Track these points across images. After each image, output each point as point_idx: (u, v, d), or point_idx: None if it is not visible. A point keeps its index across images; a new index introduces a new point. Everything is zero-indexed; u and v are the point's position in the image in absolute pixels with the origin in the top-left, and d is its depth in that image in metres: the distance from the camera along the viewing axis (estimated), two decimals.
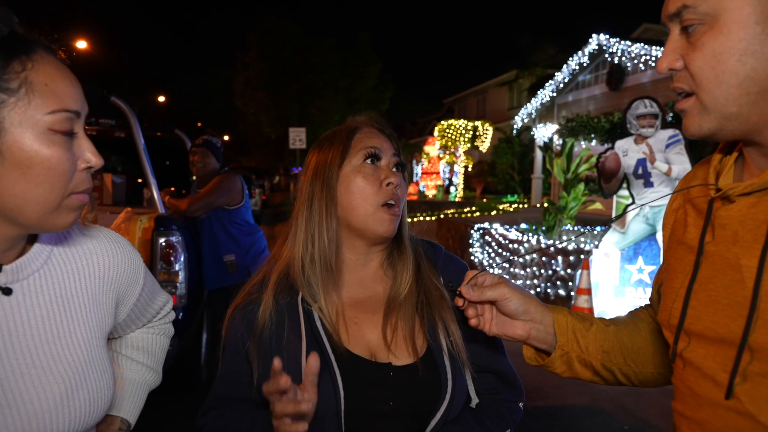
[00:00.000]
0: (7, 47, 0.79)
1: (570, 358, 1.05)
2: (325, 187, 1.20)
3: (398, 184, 1.20)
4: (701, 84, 0.80)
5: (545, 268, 7.18)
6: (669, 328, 0.92)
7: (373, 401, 1.11)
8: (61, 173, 0.83)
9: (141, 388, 1.22)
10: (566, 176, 7.96)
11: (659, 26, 17.87)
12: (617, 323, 1.10)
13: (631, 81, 14.14)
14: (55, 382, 0.90)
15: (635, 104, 5.80)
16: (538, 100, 17.54)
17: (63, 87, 0.84)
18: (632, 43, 13.60)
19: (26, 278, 0.92)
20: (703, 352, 0.83)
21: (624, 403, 4.14)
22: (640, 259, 6.02)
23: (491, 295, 1.02)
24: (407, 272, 1.23)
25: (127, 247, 1.09)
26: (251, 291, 1.22)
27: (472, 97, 34.05)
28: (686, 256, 0.91)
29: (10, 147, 0.79)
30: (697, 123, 0.82)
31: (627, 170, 5.87)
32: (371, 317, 1.20)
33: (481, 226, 9.04)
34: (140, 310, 1.18)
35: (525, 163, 21.93)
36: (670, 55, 0.83)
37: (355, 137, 1.22)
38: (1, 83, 0.78)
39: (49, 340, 0.92)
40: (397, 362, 1.15)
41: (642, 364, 1.07)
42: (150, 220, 3.29)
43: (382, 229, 1.18)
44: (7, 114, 0.79)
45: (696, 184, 0.96)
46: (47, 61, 0.83)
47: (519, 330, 1.04)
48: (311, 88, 30.68)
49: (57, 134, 0.82)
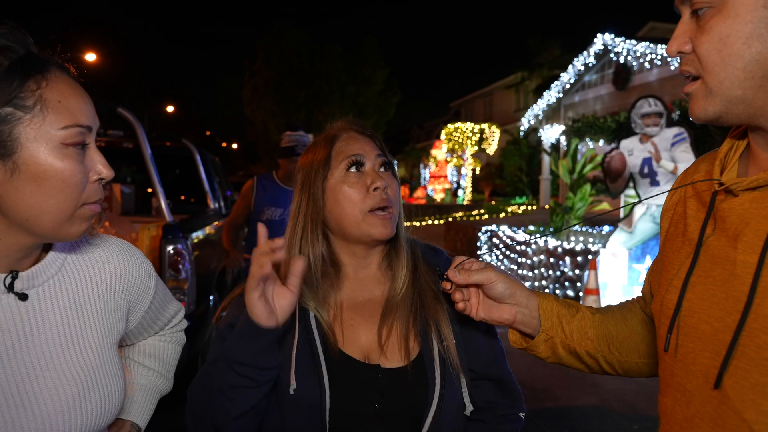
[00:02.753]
0: (24, 67, 0.84)
1: (554, 343, 1.06)
2: (311, 202, 1.19)
3: (386, 185, 1.18)
4: (707, 67, 0.80)
5: (553, 269, 7.17)
6: (662, 319, 0.92)
7: (359, 402, 1.11)
8: (74, 185, 0.88)
9: (152, 393, 1.25)
10: (572, 177, 7.95)
11: (666, 24, 17.68)
12: (604, 312, 1.11)
13: (638, 80, 14.09)
14: (68, 385, 0.94)
15: (639, 103, 5.80)
16: (544, 101, 17.52)
17: (75, 103, 0.88)
18: (637, 42, 13.56)
19: (41, 285, 0.96)
20: (697, 346, 0.84)
21: (634, 403, 4.13)
22: (648, 258, 6.00)
23: (477, 279, 1.03)
24: (404, 272, 1.22)
25: (138, 256, 1.13)
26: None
27: (478, 100, 34.02)
28: (684, 249, 0.91)
29: (26, 161, 0.84)
30: (702, 106, 0.83)
31: (633, 169, 5.87)
32: (368, 319, 1.20)
33: (488, 228, 9.04)
34: (152, 318, 1.21)
35: (533, 164, 21.87)
36: (680, 38, 0.84)
37: (335, 147, 1.20)
38: (17, 101, 0.83)
39: (63, 344, 0.96)
40: (388, 364, 1.14)
41: (626, 353, 1.08)
42: (158, 228, 3.34)
43: (378, 231, 1.16)
44: (23, 130, 0.84)
45: (698, 177, 0.96)
46: (61, 79, 0.88)
47: (505, 314, 1.05)
48: (318, 94, 30.82)
49: (70, 148, 0.87)
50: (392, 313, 1.19)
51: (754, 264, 0.77)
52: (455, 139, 21.84)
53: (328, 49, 31.56)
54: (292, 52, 30.88)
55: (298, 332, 1.15)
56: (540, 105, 17.66)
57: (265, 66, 31.18)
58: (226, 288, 5.07)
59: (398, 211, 1.22)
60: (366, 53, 32.30)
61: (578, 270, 6.87)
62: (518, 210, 16.55)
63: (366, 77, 31.97)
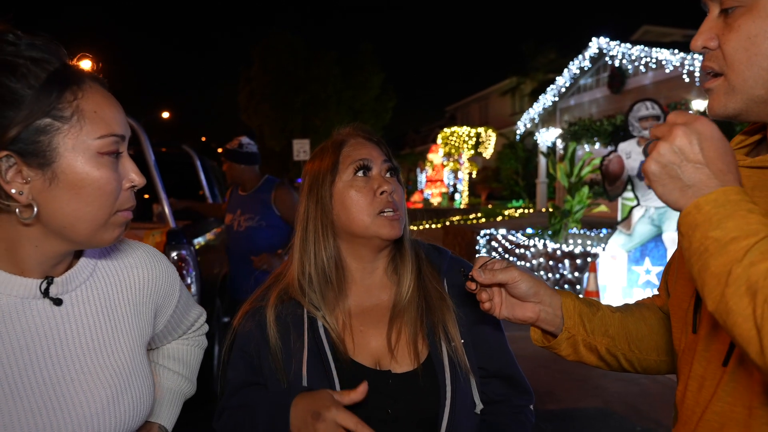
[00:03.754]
0: (61, 79, 0.86)
1: (576, 341, 1.07)
2: (320, 206, 1.21)
3: (393, 190, 1.20)
4: (733, 65, 0.82)
5: (552, 272, 7.20)
6: (680, 313, 0.95)
7: (372, 408, 1.11)
8: (109, 192, 0.90)
9: (177, 396, 1.27)
10: (570, 180, 7.99)
11: (659, 28, 17.79)
12: (623, 311, 1.12)
13: (633, 83, 14.18)
14: (102, 388, 0.96)
15: (636, 106, 5.85)
16: (540, 105, 17.60)
17: (110, 113, 0.91)
18: (632, 46, 13.66)
19: (74, 290, 0.98)
20: (712, 332, 0.86)
21: (636, 404, 4.14)
22: (647, 260, 6.03)
23: (502, 278, 1.04)
24: (410, 276, 1.24)
25: (164, 261, 1.15)
26: (256, 300, 1.25)
27: (474, 104, 34.14)
28: None
29: (64, 170, 0.86)
30: (723, 103, 0.84)
31: (631, 172, 5.91)
32: (376, 324, 1.21)
33: (487, 231, 9.07)
34: (176, 321, 1.23)
35: (529, 168, 21.95)
36: (706, 34, 0.85)
37: (343, 151, 1.23)
38: (56, 112, 0.85)
39: (96, 347, 0.98)
40: (398, 369, 1.16)
41: (645, 351, 1.10)
42: (162, 234, 3.35)
43: (387, 231, 1.18)
44: (61, 140, 0.86)
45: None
46: (95, 90, 0.91)
47: (529, 312, 1.06)
48: (314, 99, 30.84)
49: (105, 157, 0.89)
50: (400, 317, 1.21)
51: None
52: (452, 143, 21.91)
53: (324, 55, 31.62)
54: (287, 57, 30.91)
55: (308, 342, 1.17)
56: (536, 108, 17.74)
57: (261, 72, 31.20)
58: (227, 292, 5.07)
59: (404, 215, 1.24)
60: (362, 59, 32.37)
61: (577, 272, 6.90)
62: (515, 213, 16.60)
63: (362, 82, 32.02)
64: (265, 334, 1.19)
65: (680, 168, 0.75)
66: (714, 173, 0.73)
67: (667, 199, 0.77)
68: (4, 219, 0.88)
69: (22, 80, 0.83)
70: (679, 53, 12.06)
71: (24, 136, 0.83)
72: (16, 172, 0.84)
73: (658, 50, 12.63)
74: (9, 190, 0.84)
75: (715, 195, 0.72)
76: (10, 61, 0.83)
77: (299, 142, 18.12)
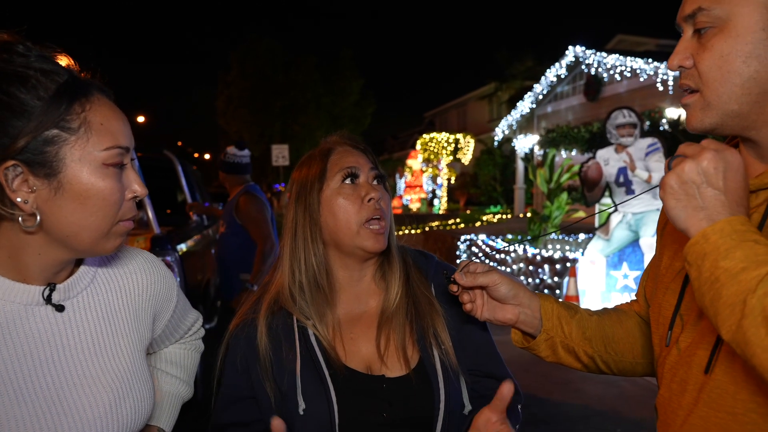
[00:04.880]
0: (70, 91, 0.87)
1: (554, 343, 1.11)
2: (308, 213, 1.22)
3: (380, 197, 1.22)
4: (707, 82, 0.86)
5: (533, 277, 7.28)
6: (661, 320, 0.99)
7: (367, 413, 1.14)
8: (113, 203, 0.91)
9: (176, 400, 1.29)
10: (549, 186, 8.11)
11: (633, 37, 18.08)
12: (600, 314, 1.17)
13: (608, 91, 14.44)
14: (105, 392, 0.97)
15: (614, 114, 5.97)
16: (518, 112, 17.81)
17: (116, 125, 0.92)
18: (608, 54, 13.92)
19: (75, 296, 0.99)
20: (695, 339, 0.90)
21: (616, 406, 4.22)
22: (624, 265, 6.15)
23: (483, 281, 1.09)
24: (397, 282, 1.25)
25: (162, 267, 1.17)
26: (247, 312, 1.25)
27: (452, 110, 34.38)
28: (679, 254, 0.98)
29: (70, 180, 0.87)
30: (699, 118, 0.89)
31: (609, 179, 6.03)
32: (366, 331, 1.23)
33: (467, 237, 9.14)
34: (174, 326, 1.25)
35: (507, 174, 22.17)
36: (681, 54, 0.90)
37: (331, 159, 1.24)
38: (64, 123, 0.86)
39: (98, 353, 0.99)
40: (391, 374, 1.18)
41: (621, 353, 1.14)
42: (146, 240, 3.32)
43: (371, 244, 1.20)
44: (68, 151, 0.87)
45: None
46: (102, 102, 0.92)
47: (508, 314, 1.11)
48: (293, 105, 30.78)
49: (110, 168, 0.91)
50: (388, 323, 1.23)
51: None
52: (431, 149, 22.03)
53: (303, 60, 31.58)
54: (266, 63, 30.81)
55: (300, 352, 1.18)
56: (514, 115, 17.95)
57: (240, 77, 31.04)
58: (209, 299, 5.03)
59: (390, 224, 1.26)
60: (341, 64, 32.41)
61: (557, 277, 7.00)
62: (493, 219, 16.74)
63: (341, 88, 32.06)
64: (254, 346, 1.20)
65: (699, 189, 0.78)
66: (729, 203, 0.77)
67: (676, 214, 0.80)
68: (8, 227, 0.88)
69: (32, 91, 0.84)
70: (652, 62, 12.33)
71: (32, 147, 0.84)
72: (22, 181, 0.85)
73: (633, 59, 12.89)
74: (14, 198, 0.85)
75: (721, 225, 0.75)
76: (21, 73, 0.84)
77: (278, 148, 18.05)
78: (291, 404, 1.14)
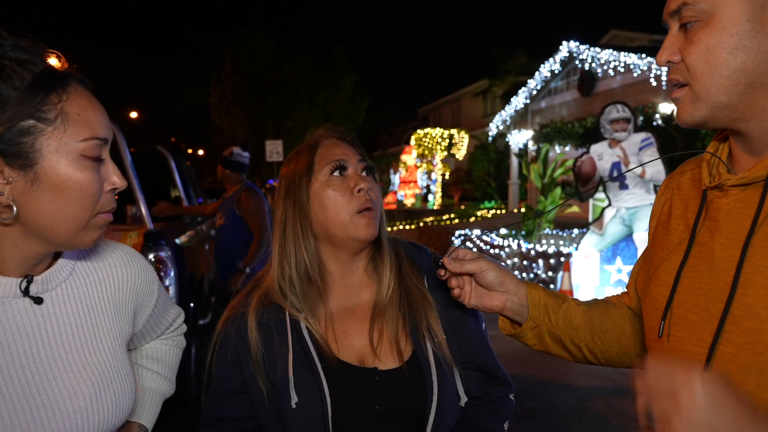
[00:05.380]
0: (46, 81, 0.86)
1: (541, 331, 1.12)
2: (297, 208, 1.21)
3: (369, 188, 1.21)
4: (695, 75, 0.87)
5: (527, 272, 7.30)
6: (652, 312, 0.99)
7: (360, 405, 1.14)
8: (90, 195, 0.90)
9: (157, 396, 1.28)
10: (543, 181, 8.13)
11: (626, 33, 18.08)
12: (589, 304, 1.18)
13: (602, 86, 14.46)
14: (85, 385, 0.96)
15: (608, 109, 5.98)
16: (512, 108, 17.81)
17: (94, 116, 0.91)
18: (601, 50, 13.93)
19: (54, 288, 0.98)
20: (683, 334, 0.90)
21: (610, 401, 4.23)
22: (618, 259, 6.17)
23: (470, 267, 1.09)
24: (390, 275, 1.25)
25: (142, 261, 1.16)
26: (238, 306, 1.25)
27: (446, 106, 34.38)
28: (671, 246, 0.98)
29: (46, 172, 0.86)
30: (690, 111, 0.89)
31: (602, 173, 6.04)
32: (359, 324, 1.23)
33: (462, 232, 9.15)
34: (155, 321, 1.24)
35: (501, 169, 22.20)
36: (669, 49, 0.90)
37: (318, 152, 1.23)
38: (40, 114, 0.85)
39: (78, 346, 0.98)
40: (383, 366, 1.17)
41: (608, 343, 1.15)
42: (139, 235, 3.30)
43: (363, 233, 1.19)
44: (45, 142, 0.85)
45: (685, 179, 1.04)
46: (80, 93, 0.90)
47: (495, 301, 1.12)
48: (287, 101, 30.68)
49: (88, 159, 0.89)
50: (380, 316, 1.22)
51: (737, 258, 0.84)
52: (425, 145, 22.03)
53: (296, 56, 31.48)
54: (259, 59, 30.68)
55: (293, 345, 1.17)
56: (508, 111, 17.95)
57: (233, 73, 30.89)
58: (203, 295, 5.01)
59: (380, 214, 1.25)
60: (334, 60, 32.33)
61: (551, 272, 7.02)
62: (488, 214, 16.77)
63: (335, 84, 31.98)
64: (245, 340, 1.19)
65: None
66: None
67: None
68: None
69: (7, 81, 0.83)
70: (646, 57, 12.35)
71: (7, 137, 0.83)
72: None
73: (627, 54, 12.90)
74: None
75: None
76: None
77: (272, 143, 18.00)
78: (283, 398, 1.13)
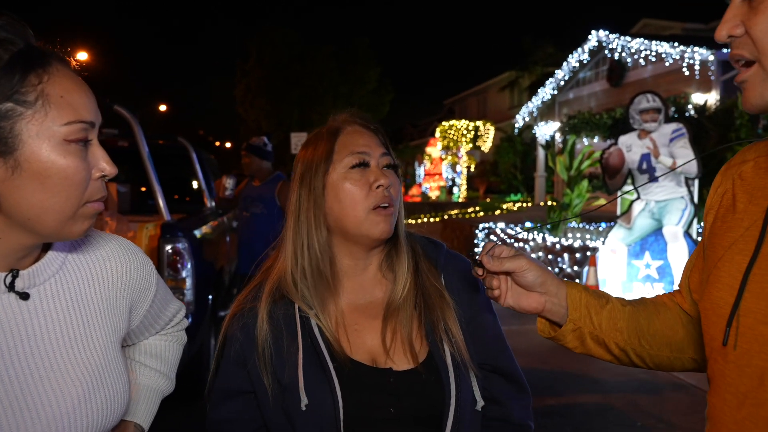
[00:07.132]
0: (25, 61, 0.80)
1: (582, 333, 1.03)
2: (312, 197, 1.15)
3: (390, 184, 1.15)
4: (765, 48, 0.76)
5: (552, 266, 7.16)
6: (714, 318, 0.87)
7: (374, 408, 1.09)
8: (77, 182, 0.84)
9: (155, 394, 1.22)
10: (569, 173, 7.95)
11: (658, 21, 17.72)
12: (635, 304, 1.07)
13: (632, 76, 14.13)
14: (73, 385, 0.91)
15: (637, 99, 5.79)
16: (538, 99, 17.55)
17: (78, 98, 0.85)
18: (632, 39, 13.60)
19: (42, 283, 0.93)
20: (752, 347, 0.79)
21: (636, 400, 4.12)
22: (647, 254, 6.00)
23: (509, 266, 1.00)
24: (406, 273, 1.19)
25: (139, 254, 1.10)
26: (246, 299, 1.19)
27: (472, 98, 34.07)
28: (737, 245, 0.86)
29: (28, 158, 0.81)
30: (760, 92, 0.78)
31: (631, 165, 5.87)
32: (372, 322, 1.17)
33: (485, 225, 9.04)
34: (153, 317, 1.18)
35: (527, 161, 21.92)
36: (730, 22, 0.80)
37: (339, 140, 1.16)
38: (18, 96, 0.80)
39: (67, 344, 0.93)
40: (397, 367, 1.12)
41: (658, 347, 1.05)
42: (156, 227, 3.30)
43: (377, 231, 1.13)
44: (24, 126, 0.80)
45: (747, 167, 0.91)
46: (62, 74, 0.84)
47: (534, 302, 1.03)
48: (311, 94, 30.84)
49: (72, 144, 0.84)
50: (394, 315, 1.16)
51: None
52: (450, 137, 21.86)
53: (320, 49, 31.56)
54: (283, 52, 30.86)
55: (303, 344, 1.12)
56: (534, 102, 17.69)
57: (257, 66, 31.15)
58: (223, 287, 5.03)
59: (399, 211, 1.18)
60: (358, 52, 32.31)
61: (577, 267, 6.87)
62: (513, 207, 16.56)
63: (358, 76, 32.00)
64: (253, 337, 1.14)
65: None
66: None
67: None
68: None
69: None
70: (678, 46, 12.01)
71: None
72: None
73: (658, 43, 12.58)
74: None
75: None
76: None
77: (297, 135, 18.09)
78: (292, 399, 1.08)
